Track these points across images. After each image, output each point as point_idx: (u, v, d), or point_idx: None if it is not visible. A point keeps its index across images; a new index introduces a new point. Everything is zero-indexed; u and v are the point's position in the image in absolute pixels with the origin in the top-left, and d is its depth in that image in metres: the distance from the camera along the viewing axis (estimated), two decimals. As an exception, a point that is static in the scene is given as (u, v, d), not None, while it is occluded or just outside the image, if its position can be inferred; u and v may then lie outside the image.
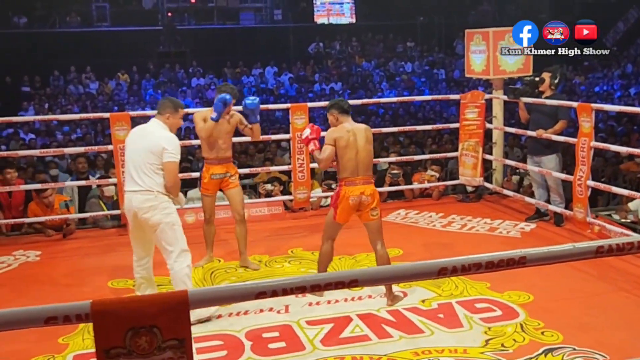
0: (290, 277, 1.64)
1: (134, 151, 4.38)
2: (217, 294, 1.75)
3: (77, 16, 20.48)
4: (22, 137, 13.01)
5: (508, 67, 7.29)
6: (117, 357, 1.60)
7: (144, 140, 4.37)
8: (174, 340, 1.61)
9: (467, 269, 1.76)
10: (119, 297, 4.44)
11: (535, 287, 4.87)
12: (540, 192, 6.74)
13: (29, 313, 1.63)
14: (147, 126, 4.52)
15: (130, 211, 4.40)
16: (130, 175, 4.38)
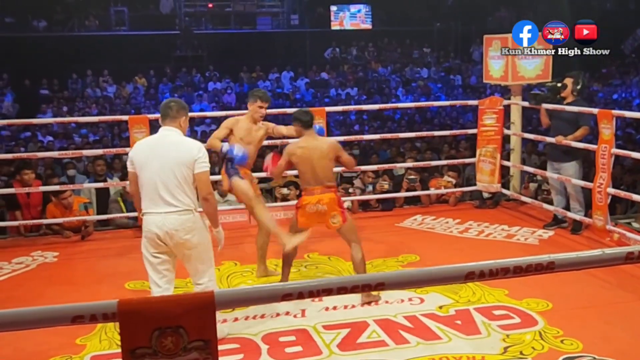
0: (317, 280, 1.63)
1: (159, 167, 3.81)
2: (243, 295, 1.74)
3: (96, 20, 20.65)
4: (40, 139, 13.13)
5: (527, 73, 7.26)
6: (142, 357, 1.59)
7: (170, 152, 3.85)
8: (199, 341, 1.61)
9: (494, 274, 1.74)
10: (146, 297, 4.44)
11: (554, 294, 4.82)
12: (558, 198, 6.68)
13: (56, 312, 1.63)
14: (165, 137, 3.95)
15: (156, 233, 3.84)
16: (157, 194, 3.82)
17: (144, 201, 3.89)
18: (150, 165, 3.84)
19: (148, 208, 3.87)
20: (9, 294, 5.23)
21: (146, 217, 3.89)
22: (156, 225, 3.83)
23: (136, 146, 4.03)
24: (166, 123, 3.97)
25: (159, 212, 3.83)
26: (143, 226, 3.93)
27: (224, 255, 5.98)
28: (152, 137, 4.08)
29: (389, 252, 5.99)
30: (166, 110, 3.98)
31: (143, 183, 3.87)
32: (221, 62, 19.79)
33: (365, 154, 9.95)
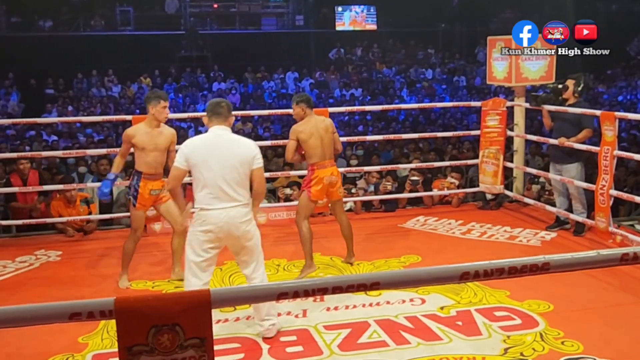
0: (312, 279, 1.64)
1: (222, 165, 4.00)
2: (239, 294, 1.75)
3: (102, 20, 20.72)
4: (45, 138, 13.17)
5: (530, 74, 7.26)
6: (139, 354, 1.61)
7: (231, 151, 4.06)
8: (195, 339, 1.62)
9: (489, 274, 1.74)
10: (142, 294, 4.49)
11: (556, 296, 4.82)
12: (561, 200, 6.68)
13: (53, 309, 1.65)
14: (220, 136, 4.12)
15: (220, 227, 4.03)
16: (221, 191, 4.00)
17: (204, 197, 4.04)
18: (211, 163, 4.02)
19: (210, 204, 4.03)
20: (13, 293, 5.25)
21: (206, 213, 4.04)
22: (219, 220, 4.03)
23: (191, 145, 4.13)
24: (217, 123, 4.15)
25: (223, 207, 4.03)
26: (198, 221, 4.07)
27: (226, 255, 6.01)
28: (206, 136, 4.19)
29: (391, 253, 6.00)
30: (217, 110, 4.15)
31: (204, 180, 4.03)
32: (226, 63, 19.82)
33: (369, 154, 9.95)
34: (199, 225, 4.07)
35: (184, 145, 4.15)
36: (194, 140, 4.23)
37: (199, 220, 4.07)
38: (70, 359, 4.06)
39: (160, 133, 5.22)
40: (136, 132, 5.16)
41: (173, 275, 5.45)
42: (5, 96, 17.39)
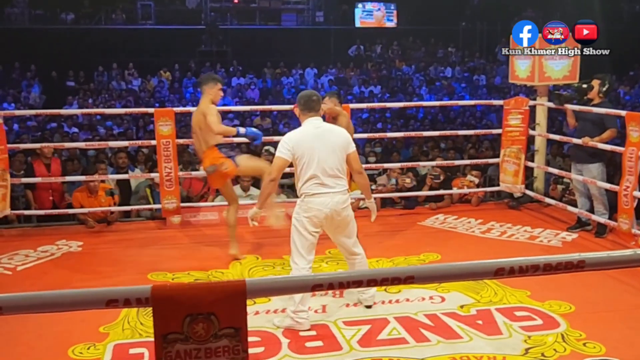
0: (347, 271, 1.63)
1: (326, 154, 4.28)
2: (274, 284, 1.75)
3: (123, 14, 20.87)
4: (66, 130, 13.27)
5: (554, 73, 7.18)
6: (174, 342, 1.61)
7: (331, 139, 4.34)
8: (230, 329, 1.62)
9: (524, 270, 1.72)
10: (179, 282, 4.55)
11: (577, 297, 4.78)
12: (582, 201, 6.62)
13: (91, 295, 1.66)
14: (319, 126, 4.39)
15: (325, 212, 4.29)
16: (326, 177, 4.28)
17: (309, 186, 4.29)
18: (317, 152, 4.28)
19: (315, 190, 4.29)
20: (35, 282, 5.30)
21: (312, 199, 4.30)
22: (325, 205, 4.28)
23: (294, 138, 4.35)
24: (312, 114, 4.42)
25: (327, 192, 4.29)
26: (304, 207, 4.31)
27: (246, 249, 6.05)
28: (306, 128, 4.40)
29: (410, 250, 5.98)
30: (311, 103, 4.42)
31: (309, 170, 4.27)
32: (245, 58, 19.87)
33: (387, 152, 9.93)
34: (304, 212, 4.32)
35: (287, 138, 4.37)
36: (296, 133, 4.41)
37: (304, 207, 4.32)
38: (92, 348, 4.09)
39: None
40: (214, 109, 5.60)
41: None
42: (27, 88, 17.56)
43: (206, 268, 5.57)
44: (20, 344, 4.15)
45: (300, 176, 4.34)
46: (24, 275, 5.48)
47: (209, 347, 1.64)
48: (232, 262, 5.71)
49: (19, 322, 4.32)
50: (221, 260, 5.77)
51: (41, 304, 1.61)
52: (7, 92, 17.09)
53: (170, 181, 6.62)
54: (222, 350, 1.64)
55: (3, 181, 6.46)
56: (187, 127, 11.58)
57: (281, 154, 4.33)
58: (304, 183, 4.31)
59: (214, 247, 6.13)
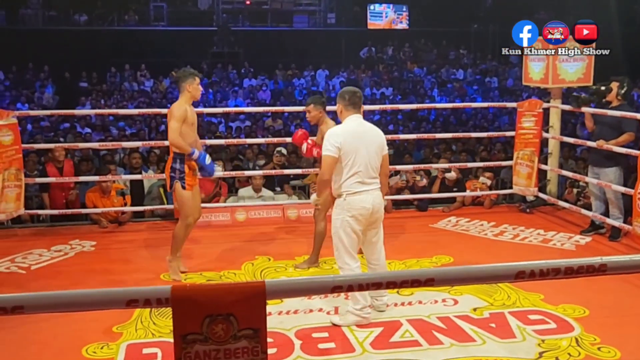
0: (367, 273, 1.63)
1: (368, 152, 4.33)
2: (294, 286, 1.75)
3: (135, 15, 20.97)
4: (79, 130, 13.34)
5: (568, 76, 7.14)
6: (193, 343, 1.61)
7: (373, 138, 4.40)
8: (249, 330, 1.62)
9: (545, 274, 1.71)
10: (198, 283, 4.57)
11: (591, 301, 4.74)
12: (597, 204, 6.57)
13: (111, 295, 1.66)
14: (362, 124, 4.43)
15: (367, 209, 4.33)
16: (368, 175, 4.32)
17: (353, 182, 4.30)
18: (361, 150, 4.30)
19: (358, 188, 4.31)
20: (49, 281, 5.33)
21: (355, 197, 4.30)
22: (368, 202, 4.31)
23: (341, 134, 4.32)
24: (355, 112, 4.43)
25: (368, 190, 4.33)
26: (347, 207, 4.30)
27: (258, 250, 6.06)
28: (350, 125, 4.39)
29: (422, 253, 5.96)
30: (356, 100, 4.44)
31: (354, 167, 4.28)
32: (257, 59, 19.90)
33: (400, 154, 9.91)
34: (347, 212, 4.31)
35: (334, 134, 4.34)
36: (342, 129, 4.39)
37: (346, 205, 4.32)
38: (105, 347, 4.11)
39: (193, 111, 5.29)
40: (186, 109, 5.10)
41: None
42: (40, 88, 17.67)
43: (218, 269, 5.58)
44: (34, 342, 4.17)
45: (342, 174, 4.32)
46: (38, 275, 5.51)
47: (228, 348, 1.64)
48: (244, 263, 5.72)
49: (33, 322, 4.34)
50: (233, 261, 5.78)
51: (62, 304, 1.62)
52: (20, 93, 17.20)
53: (183, 182, 6.62)
54: (242, 351, 1.64)
55: (17, 181, 6.50)
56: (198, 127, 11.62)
57: (330, 152, 4.30)
58: (346, 181, 4.31)
59: (226, 248, 6.14)
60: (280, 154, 8.31)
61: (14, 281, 5.33)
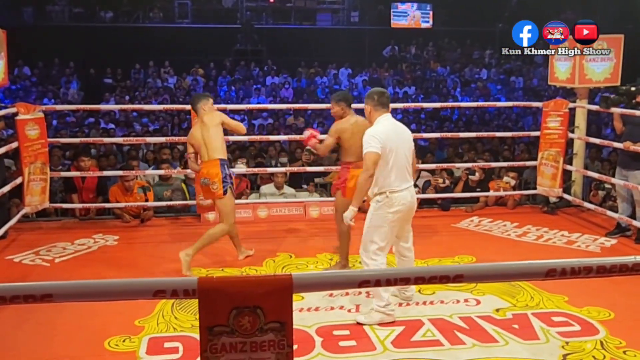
0: (395, 268, 1.62)
1: (405, 149, 4.47)
2: (321, 279, 1.74)
3: (160, 12, 21.10)
4: (103, 126, 13.48)
5: (595, 76, 7.06)
6: (219, 335, 1.61)
7: (406, 137, 4.55)
8: (275, 323, 1.62)
9: (576, 272, 1.68)
10: (225, 275, 4.58)
11: (617, 304, 4.67)
12: (624, 206, 6.47)
13: (139, 285, 1.67)
14: (396, 123, 4.57)
15: (407, 205, 4.46)
16: (406, 173, 4.46)
17: (394, 180, 4.39)
18: (399, 148, 4.42)
19: (399, 186, 4.42)
20: (72, 274, 5.38)
21: (398, 194, 4.40)
22: (406, 199, 4.44)
23: (383, 132, 4.40)
24: (385, 111, 4.53)
25: (408, 187, 4.47)
26: (390, 203, 4.38)
27: (280, 247, 6.07)
28: (388, 124, 4.48)
29: (444, 252, 5.92)
30: (384, 100, 4.54)
31: (394, 164, 4.38)
32: (280, 57, 19.91)
33: (422, 153, 9.86)
34: (388, 207, 4.39)
35: (377, 133, 4.40)
36: (383, 128, 4.44)
37: (389, 202, 4.39)
38: (127, 340, 4.13)
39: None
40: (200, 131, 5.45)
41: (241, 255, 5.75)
42: (65, 84, 17.87)
43: (240, 265, 5.60)
44: (58, 333, 4.22)
45: (385, 172, 4.38)
46: (61, 268, 5.57)
47: (254, 341, 1.63)
48: (266, 260, 5.73)
49: (58, 314, 4.39)
50: (254, 257, 5.79)
51: (90, 293, 1.63)
52: (46, 89, 17.41)
53: (206, 178, 6.65)
54: (268, 345, 1.63)
55: (43, 174, 6.58)
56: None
57: (374, 149, 4.35)
58: (388, 178, 4.39)
59: (247, 245, 6.15)
60: (309, 153, 8.28)
61: (38, 273, 5.39)
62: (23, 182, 6.37)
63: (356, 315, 4.49)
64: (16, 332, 4.23)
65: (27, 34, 17.41)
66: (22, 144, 6.37)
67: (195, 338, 4.11)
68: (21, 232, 6.52)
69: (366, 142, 4.42)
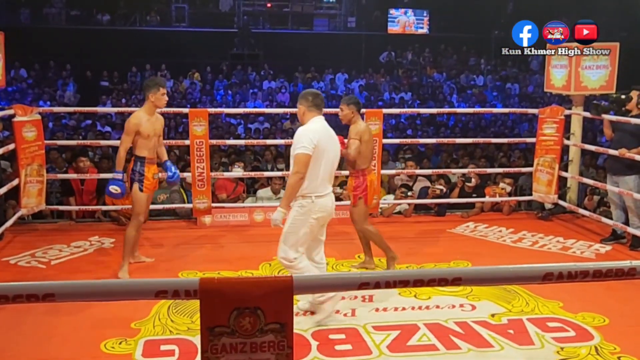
0: (394, 271, 1.63)
1: (333, 154, 4.40)
2: (321, 281, 1.75)
3: (157, 16, 21.14)
4: (99, 129, 13.48)
5: (590, 83, 7.09)
6: (220, 335, 1.62)
7: (335, 140, 4.49)
8: (275, 324, 1.63)
9: (573, 276, 1.70)
10: (226, 277, 4.58)
11: (611, 310, 4.69)
12: (618, 213, 6.51)
13: (141, 285, 1.68)
14: (326, 126, 4.42)
15: (328, 211, 4.40)
16: (331, 177, 4.42)
17: (319, 184, 4.27)
18: (329, 151, 4.32)
19: (323, 190, 4.31)
20: (68, 276, 5.37)
21: (321, 200, 4.30)
22: (329, 205, 4.38)
23: (317, 132, 4.26)
24: (319, 113, 4.40)
25: (329, 192, 4.38)
26: (314, 209, 4.28)
27: (276, 251, 6.04)
28: (320, 125, 4.35)
29: (440, 258, 5.94)
30: (318, 101, 4.41)
31: (322, 168, 4.26)
32: (277, 62, 19.97)
33: (418, 159, 9.89)
34: (314, 213, 4.29)
35: (311, 133, 4.23)
36: (315, 128, 4.29)
37: (313, 207, 4.27)
38: (123, 343, 4.13)
39: (157, 119, 5.48)
40: (140, 121, 5.30)
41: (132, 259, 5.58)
42: (62, 87, 17.88)
43: (236, 268, 5.60)
44: (55, 335, 4.21)
45: (313, 174, 4.22)
46: (57, 269, 5.56)
47: (254, 342, 1.64)
48: (262, 264, 5.73)
49: (53, 315, 4.39)
50: (251, 260, 5.79)
51: (93, 292, 1.63)
52: (43, 91, 17.42)
53: (202, 181, 6.67)
54: (268, 345, 1.65)
55: (39, 177, 6.57)
56: (217, 128, 11.71)
57: (306, 150, 4.18)
58: (315, 182, 4.24)
59: (244, 248, 6.17)
60: None
61: (34, 275, 5.38)
62: (19, 183, 6.37)
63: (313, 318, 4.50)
64: (12, 334, 4.22)
65: (24, 35, 17.41)
66: (19, 145, 6.36)
67: (192, 341, 4.12)
68: (17, 233, 6.51)
69: (298, 141, 4.21)
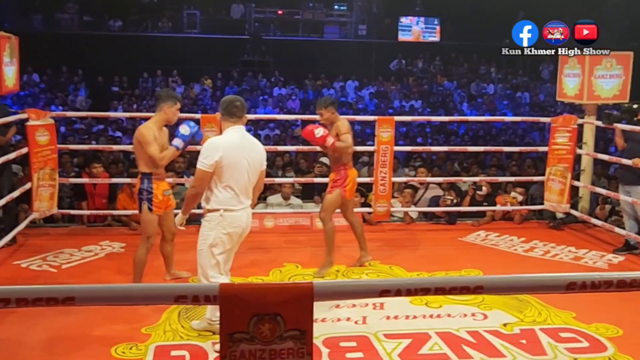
0: (415, 278, 1.62)
1: (248, 166, 4.07)
2: (342, 288, 1.74)
3: (169, 22, 21.23)
4: (111, 134, 13.52)
5: (603, 92, 7.07)
6: (239, 341, 1.61)
7: (254, 152, 4.14)
8: (295, 331, 1.61)
9: (597, 286, 1.68)
10: (246, 282, 4.56)
11: (625, 321, 4.65)
12: (630, 223, 6.46)
13: (161, 290, 1.67)
14: (245, 137, 4.15)
15: (242, 227, 4.14)
16: (245, 191, 4.10)
17: (230, 199, 4.03)
18: (241, 164, 4.03)
19: (235, 205, 4.06)
20: (79, 280, 5.38)
21: (232, 214, 4.05)
22: (242, 221, 4.12)
23: (223, 145, 3.99)
24: (234, 122, 4.09)
25: (244, 207, 4.12)
26: (224, 223, 4.05)
27: (286, 258, 6.06)
28: (233, 136, 4.07)
29: (451, 266, 5.91)
30: (233, 109, 4.08)
31: (232, 181, 4.01)
32: (287, 69, 20.00)
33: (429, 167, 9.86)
34: (223, 228, 4.04)
35: (214, 144, 3.99)
36: (223, 140, 4.05)
37: (223, 222, 4.03)
38: (134, 348, 4.13)
39: (164, 133, 5.06)
40: (154, 132, 4.89)
41: (168, 276, 5.43)
42: (74, 92, 17.96)
43: (246, 275, 5.58)
44: (66, 339, 4.21)
45: (218, 187, 4.00)
46: (68, 274, 5.58)
47: (273, 349, 1.63)
48: (272, 270, 5.73)
49: (63, 320, 4.39)
50: (260, 267, 5.79)
51: (113, 297, 1.63)
52: (55, 96, 17.51)
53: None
54: (287, 353, 1.63)
55: (52, 180, 6.60)
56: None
57: (204, 167, 3.94)
58: (222, 195, 4.00)
59: (254, 254, 6.15)
60: (322, 164, 8.30)
61: (45, 279, 5.40)
62: (32, 187, 6.40)
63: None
64: (23, 338, 4.23)
65: (37, 41, 17.49)
66: (32, 149, 6.40)
67: (202, 347, 4.12)
68: (29, 237, 6.54)
69: (200, 154, 3.99)
